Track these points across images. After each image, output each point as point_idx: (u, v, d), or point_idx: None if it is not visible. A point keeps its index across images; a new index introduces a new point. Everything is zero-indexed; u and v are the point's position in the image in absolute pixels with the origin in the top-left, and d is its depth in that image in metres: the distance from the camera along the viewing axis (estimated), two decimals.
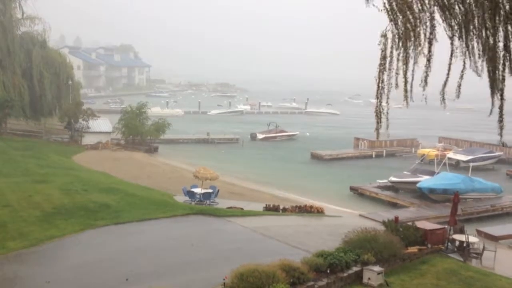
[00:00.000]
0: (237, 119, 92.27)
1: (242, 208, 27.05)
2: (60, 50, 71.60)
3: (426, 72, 10.59)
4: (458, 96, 10.61)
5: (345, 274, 16.90)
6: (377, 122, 11.30)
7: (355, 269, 17.28)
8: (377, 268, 17.13)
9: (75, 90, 60.75)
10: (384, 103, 11.13)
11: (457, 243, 21.35)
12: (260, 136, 66.45)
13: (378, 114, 11.24)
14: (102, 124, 53.58)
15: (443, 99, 10.84)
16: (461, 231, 22.51)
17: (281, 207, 27.67)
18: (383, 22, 10.66)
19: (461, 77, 10.65)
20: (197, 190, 28.70)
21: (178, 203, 27.18)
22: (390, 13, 10.33)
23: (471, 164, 41.97)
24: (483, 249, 20.66)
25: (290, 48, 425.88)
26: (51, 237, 19.55)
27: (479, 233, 25.03)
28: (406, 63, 10.58)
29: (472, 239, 21.49)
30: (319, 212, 27.55)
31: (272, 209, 27.33)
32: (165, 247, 19.29)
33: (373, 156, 56.44)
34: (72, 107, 52.65)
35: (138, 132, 53.17)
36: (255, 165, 48.68)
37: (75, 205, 23.91)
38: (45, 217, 21.92)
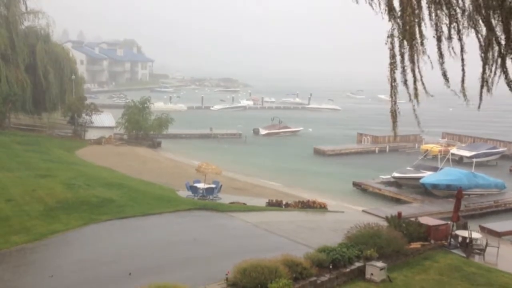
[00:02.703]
0: (240, 114, 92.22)
1: (245, 203, 27.09)
2: (64, 45, 71.50)
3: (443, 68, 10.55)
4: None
5: (348, 270, 16.91)
6: (393, 122, 11.20)
7: (357, 264, 17.30)
8: (379, 264, 17.13)
9: (79, 84, 60.75)
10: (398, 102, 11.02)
11: (460, 239, 21.34)
12: (263, 131, 66.41)
13: (394, 113, 11.12)
14: (105, 119, 53.60)
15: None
16: (464, 227, 22.49)
17: (284, 202, 27.68)
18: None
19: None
20: (200, 185, 28.75)
21: (181, 198, 27.23)
22: (390, 13, 10.27)
23: (474, 160, 41.86)
24: (486, 245, 20.64)
25: (291, 43, 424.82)
26: (55, 231, 19.62)
27: (482, 229, 25.01)
28: (412, 61, 10.52)
29: (475, 235, 21.46)
30: (322, 207, 27.57)
31: (275, 205, 27.34)
32: (168, 242, 19.32)
33: (376, 151, 56.37)
34: (75, 101, 52.69)
35: (141, 127, 53.22)
36: (258, 160, 48.66)
37: (79, 200, 23.95)
38: (48, 212, 21.99)
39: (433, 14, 10.24)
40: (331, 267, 16.51)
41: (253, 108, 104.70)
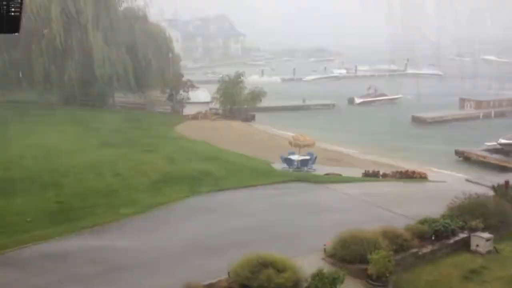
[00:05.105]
0: (333, 84, 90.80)
1: (340, 174, 26.78)
2: (160, 24, 73.89)
3: None
4: None
5: (451, 241, 16.28)
6: None
7: (462, 235, 16.58)
8: (486, 235, 16.33)
9: (175, 62, 62.66)
10: None
11: None
12: (358, 100, 64.97)
13: None
14: (201, 95, 55.06)
15: None
16: None
17: (381, 173, 27.03)
18: None
19: None
20: (295, 157, 28.80)
21: (277, 170, 27.49)
22: None
23: None
24: None
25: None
26: (159, 203, 20.60)
27: None
28: None
29: None
30: (422, 177, 26.61)
31: (372, 175, 26.80)
32: (267, 214, 19.59)
33: (480, 117, 53.28)
34: (173, 79, 54.61)
35: (235, 101, 54.06)
36: (353, 130, 47.79)
37: (180, 173, 24.94)
38: (152, 185, 23.13)
39: None
40: (433, 238, 15.98)
41: (346, 77, 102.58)
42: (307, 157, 28.94)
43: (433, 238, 15.99)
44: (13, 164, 26.32)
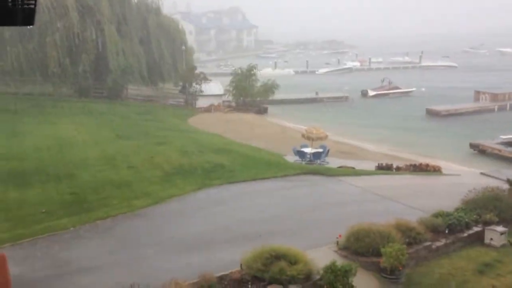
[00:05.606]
0: (346, 76, 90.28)
1: (353, 167, 26.68)
2: (173, 16, 74.05)
3: None
4: None
5: (465, 235, 16.17)
6: None
7: (476, 229, 16.46)
8: (500, 228, 16.21)
9: (189, 55, 62.83)
10: None
11: None
12: (371, 93, 64.62)
13: None
14: (214, 87, 55.14)
15: None
16: None
17: (394, 166, 26.88)
18: None
19: None
20: (308, 150, 28.75)
21: (289, 163, 27.43)
22: None
23: None
24: None
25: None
26: (172, 195, 20.70)
27: None
28: None
29: None
30: (436, 170, 26.41)
31: (385, 168, 26.65)
32: (277, 207, 19.60)
33: (496, 110, 52.66)
34: (186, 71, 54.71)
35: (248, 94, 54.06)
36: (366, 123, 47.57)
37: (192, 166, 25.01)
38: (166, 177, 23.22)
39: None
40: (447, 232, 15.88)
41: (360, 69, 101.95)
42: (320, 150, 28.88)
43: (446, 231, 15.91)
44: (28, 155, 26.56)
